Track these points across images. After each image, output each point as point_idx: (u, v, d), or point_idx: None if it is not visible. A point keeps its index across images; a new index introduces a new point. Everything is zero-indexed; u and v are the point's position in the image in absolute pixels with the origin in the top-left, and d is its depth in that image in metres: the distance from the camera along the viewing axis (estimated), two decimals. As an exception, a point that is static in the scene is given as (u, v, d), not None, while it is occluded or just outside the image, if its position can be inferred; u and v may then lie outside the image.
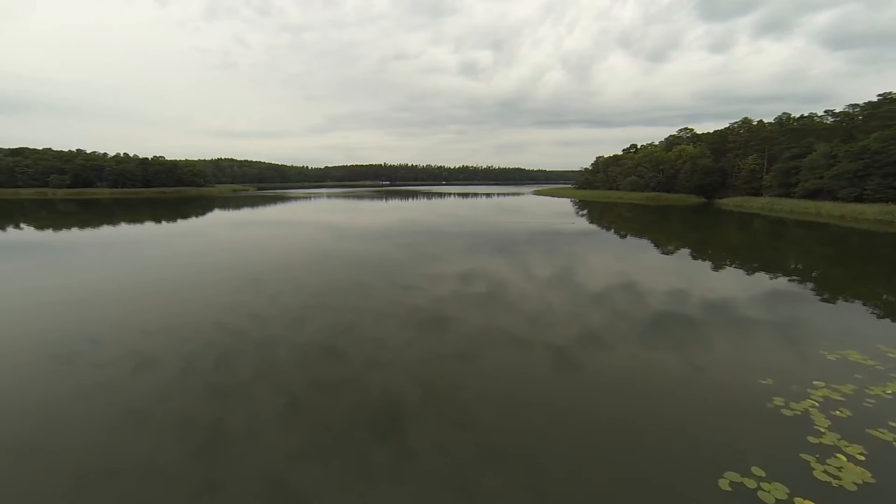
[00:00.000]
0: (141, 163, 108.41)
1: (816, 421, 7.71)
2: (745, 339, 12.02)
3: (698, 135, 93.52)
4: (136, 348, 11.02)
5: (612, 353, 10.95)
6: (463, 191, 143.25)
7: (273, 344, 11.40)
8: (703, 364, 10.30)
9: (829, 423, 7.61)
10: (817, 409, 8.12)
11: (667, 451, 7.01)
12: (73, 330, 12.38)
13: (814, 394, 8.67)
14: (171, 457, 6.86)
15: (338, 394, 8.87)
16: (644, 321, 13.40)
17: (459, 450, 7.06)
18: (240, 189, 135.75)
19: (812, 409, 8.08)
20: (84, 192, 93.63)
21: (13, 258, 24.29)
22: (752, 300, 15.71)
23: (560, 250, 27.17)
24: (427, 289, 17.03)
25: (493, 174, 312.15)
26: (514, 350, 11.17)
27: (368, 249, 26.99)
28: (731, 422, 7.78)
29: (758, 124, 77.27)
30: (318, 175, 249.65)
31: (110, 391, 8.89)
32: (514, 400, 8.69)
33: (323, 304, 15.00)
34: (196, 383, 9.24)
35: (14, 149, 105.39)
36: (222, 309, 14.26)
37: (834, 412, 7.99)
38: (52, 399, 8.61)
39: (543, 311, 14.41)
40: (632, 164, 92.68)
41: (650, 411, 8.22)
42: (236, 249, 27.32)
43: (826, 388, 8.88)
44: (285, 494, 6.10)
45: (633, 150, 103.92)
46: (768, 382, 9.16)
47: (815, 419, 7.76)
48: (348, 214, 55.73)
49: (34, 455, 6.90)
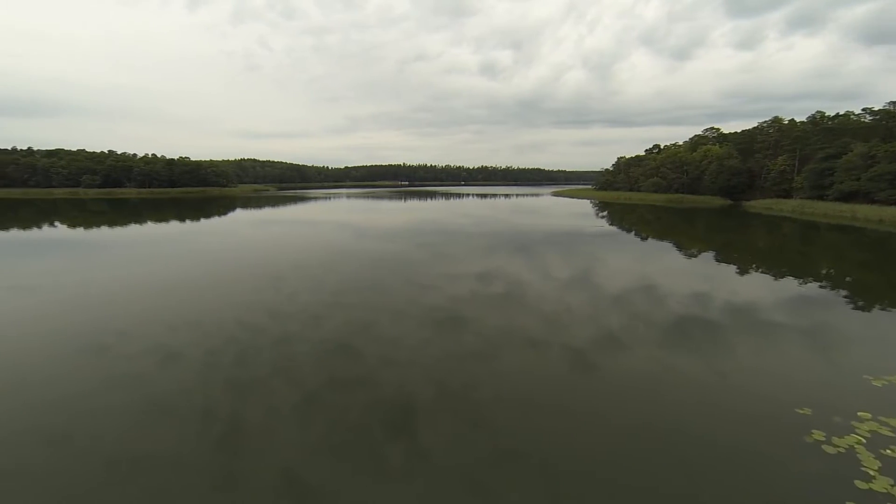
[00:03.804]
0: (167, 163, 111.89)
1: (864, 461, 6.65)
2: (777, 356, 11.31)
3: (725, 134, 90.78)
4: (162, 342, 11.37)
5: (630, 356, 10.74)
6: (481, 191, 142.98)
7: (291, 341, 11.60)
8: (736, 382, 9.85)
9: (879, 465, 6.53)
10: (864, 446, 7.01)
11: (686, 462, 6.81)
12: (103, 323, 12.86)
13: (859, 427, 7.55)
14: (193, 448, 7.06)
15: (354, 391, 8.96)
16: (664, 325, 13.10)
17: (473, 449, 7.04)
18: (261, 189, 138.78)
19: (858, 447, 6.98)
20: (113, 192, 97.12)
21: (48, 255, 25.42)
22: (780, 307, 15.17)
23: (578, 251, 26.83)
24: (444, 288, 17.05)
25: (512, 174, 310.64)
26: (530, 351, 11.08)
27: (386, 249, 27.21)
28: (762, 455, 6.89)
29: (789, 123, 74.41)
30: (337, 175, 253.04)
31: (137, 383, 9.20)
32: (530, 401, 8.61)
33: (341, 302, 15.18)
34: (217, 377, 9.48)
35: (50, 150, 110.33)
36: (243, 306, 14.59)
37: (884, 451, 6.89)
38: (83, 390, 8.96)
39: (561, 312, 14.24)
40: (654, 165, 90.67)
41: (669, 418, 8.02)
42: (257, 248, 27.93)
43: (873, 421, 7.74)
44: (300, 488, 6.19)
45: (656, 151, 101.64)
46: (806, 412, 8.06)
47: (863, 458, 6.70)
48: (367, 214, 56.31)
49: (66, 443, 7.20)
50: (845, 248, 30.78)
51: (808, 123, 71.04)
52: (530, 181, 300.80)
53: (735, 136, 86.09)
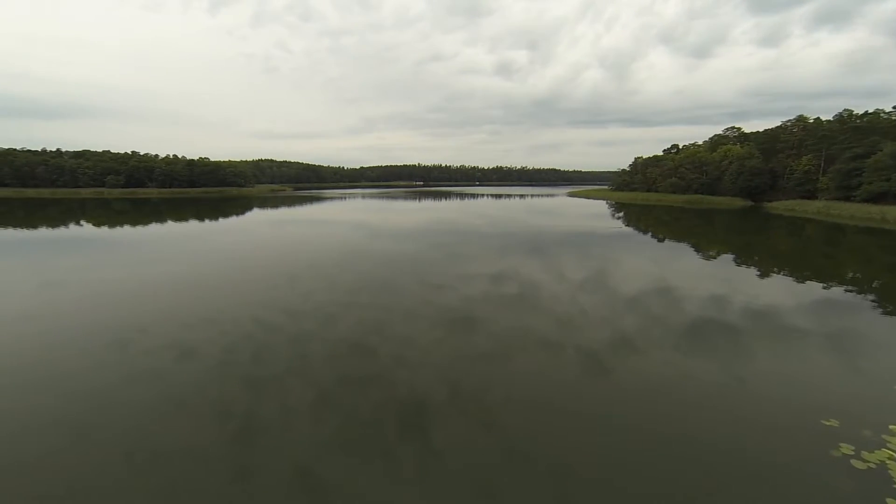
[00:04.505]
0: (188, 164, 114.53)
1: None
2: (801, 363, 11.01)
3: (746, 134, 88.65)
4: (180, 338, 11.65)
5: (645, 360, 10.57)
6: (496, 192, 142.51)
7: (306, 339, 11.75)
8: (757, 389, 9.64)
9: (914, 484, 6.16)
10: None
11: (703, 472, 6.66)
12: (125, 320, 13.23)
13: (891, 442, 7.21)
14: (209, 442, 7.21)
15: (366, 390, 9.03)
16: (681, 328, 12.86)
17: (484, 450, 7.03)
18: (277, 189, 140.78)
19: (890, 462, 6.65)
20: (136, 192, 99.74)
21: (74, 253, 26.28)
22: (804, 311, 14.74)
23: (593, 253, 26.50)
24: (458, 289, 17.05)
25: (527, 175, 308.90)
26: (543, 353, 11.00)
27: (401, 249, 27.33)
28: (785, 468, 6.62)
29: (814, 122, 72.20)
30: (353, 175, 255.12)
31: (156, 378, 9.45)
32: (542, 403, 8.55)
33: (355, 301, 15.31)
34: (233, 374, 9.66)
35: (77, 151, 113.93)
36: (259, 304, 14.84)
37: (919, 468, 6.49)
38: (106, 383, 9.24)
39: (574, 314, 14.10)
40: (672, 165, 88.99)
41: (685, 425, 7.87)
42: (273, 247, 28.36)
43: (906, 436, 7.35)
44: (312, 484, 6.27)
45: (675, 151, 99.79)
46: (833, 424, 7.70)
47: (895, 475, 6.39)
48: (382, 214, 56.65)
49: (90, 434, 7.44)
50: (874, 251, 29.69)
51: (835, 122, 68.77)
52: (545, 182, 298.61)
53: (757, 135, 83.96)
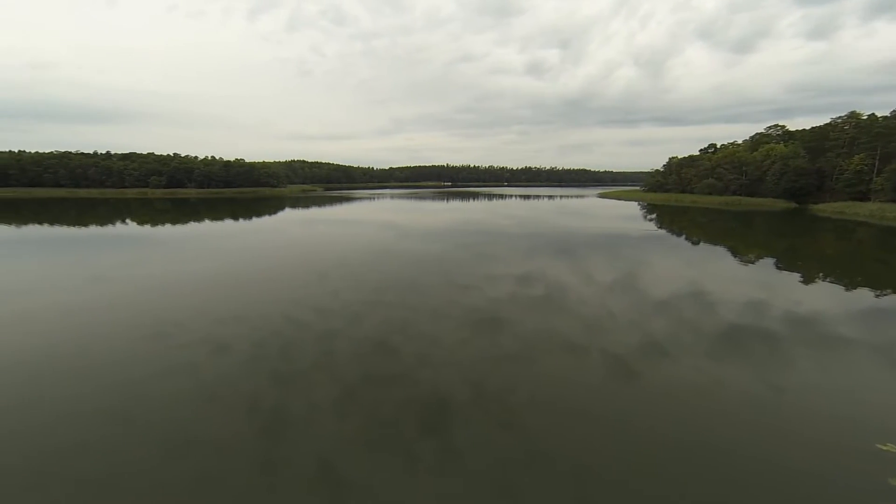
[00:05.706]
0: (224, 165, 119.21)
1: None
2: (848, 376, 10.40)
3: (791, 132, 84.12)
4: (213, 333, 12.13)
5: (674, 365, 10.21)
6: (525, 192, 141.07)
7: (333, 336, 11.99)
8: (797, 401, 9.13)
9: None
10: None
11: (733, 486, 6.38)
12: (164, 314, 13.89)
13: None
14: (239, 434, 7.48)
15: (390, 388, 9.13)
16: (713, 334, 12.34)
17: (505, 451, 6.98)
18: (309, 189, 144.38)
19: None
20: (176, 192, 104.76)
21: (120, 250, 27.84)
22: (852, 320, 13.85)
23: (623, 255, 25.80)
24: (484, 289, 16.98)
25: (556, 175, 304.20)
26: (568, 355, 10.80)
27: (428, 249, 27.48)
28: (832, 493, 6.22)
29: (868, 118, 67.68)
30: (382, 176, 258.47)
31: (190, 371, 9.87)
32: (565, 406, 8.40)
33: (382, 300, 15.50)
34: (262, 369, 9.97)
35: (124, 153, 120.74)
36: (289, 301, 15.25)
37: None
38: (142, 375, 9.74)
39: (602, 316, 13.77)
40: (709, 166, 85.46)
41: (715, 434, 7.56)
42: (304, 246, 29.10)
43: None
44: (335, 478, 6.39)
45: (712, 150, 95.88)
46: (891, 450, 6.86)
47: None
48: (410, 214, 57.12)
49: (127, 423, 7.86)
50: (933, 257, 27.56)
51: (892, 118, 64.26)
52: (575, 182, 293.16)
53: (803, 133, 79.52)
